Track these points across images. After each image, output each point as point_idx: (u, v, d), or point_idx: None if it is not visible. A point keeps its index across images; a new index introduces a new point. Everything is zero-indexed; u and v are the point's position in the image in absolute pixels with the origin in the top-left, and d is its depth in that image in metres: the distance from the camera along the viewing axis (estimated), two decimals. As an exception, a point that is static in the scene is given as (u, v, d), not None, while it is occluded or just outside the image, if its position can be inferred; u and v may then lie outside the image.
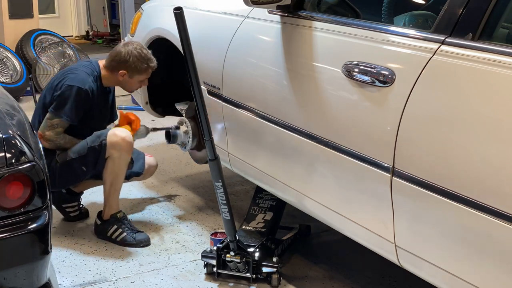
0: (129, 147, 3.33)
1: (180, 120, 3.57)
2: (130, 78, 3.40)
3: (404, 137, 2.10)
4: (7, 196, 2.07)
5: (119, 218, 3.40)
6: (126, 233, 3.37)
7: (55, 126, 3.29)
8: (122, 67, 3.36)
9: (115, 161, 3.32)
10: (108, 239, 3.39)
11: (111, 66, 3.40)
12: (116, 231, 3.38)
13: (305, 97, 2.61)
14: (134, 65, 3.35)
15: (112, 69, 3.39)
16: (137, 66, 3.36)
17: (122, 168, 3.36)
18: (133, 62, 3.35)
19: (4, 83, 6.38)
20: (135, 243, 3.35)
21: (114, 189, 3.40)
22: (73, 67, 3.51)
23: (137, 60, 3.35)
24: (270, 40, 2.89)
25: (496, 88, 1.87)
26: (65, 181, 3.41)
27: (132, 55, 3.35)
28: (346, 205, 2.48)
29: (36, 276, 2.17)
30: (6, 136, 2.10)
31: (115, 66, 3.38)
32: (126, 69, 3.36)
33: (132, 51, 3.35)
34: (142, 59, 3.37)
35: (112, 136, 3.30)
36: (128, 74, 3.38)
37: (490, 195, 1.84)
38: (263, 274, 2.94)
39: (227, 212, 2.87)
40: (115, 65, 3.37)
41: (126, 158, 3.36)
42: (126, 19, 7.64)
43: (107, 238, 3.39)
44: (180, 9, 2.63)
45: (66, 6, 10.21)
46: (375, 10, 2.70)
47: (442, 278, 2.07)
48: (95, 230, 3.46)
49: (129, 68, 3.36)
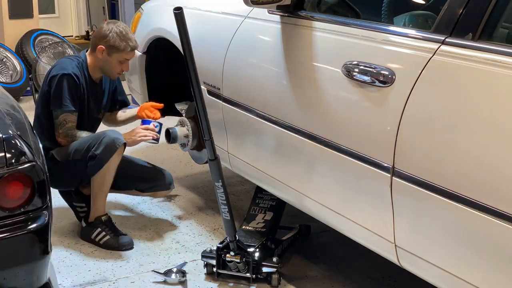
0: (120, 150, 3.29)
1: (180, 120, 3.57)
2: (109, 55, 3.37)
3: (404, 137, 2.10)
4: (7, 196, 2.07)
5: (104, 221, 3.37)
6: (109, 236, 3.33)
7: (63, 123, 3.30)
8: (101, 42, 3.36)
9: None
10: (92, 242, 3.36)
11: (92, 44, 3.42)
12: (99, 234, 3.35)
13: (305, 97, 2.61)
14: (112, 40, 3.34)
15: (93, 48, 3.40)
16: (115, 42, 3.35)
17: (111, 170, 3.30)
18: (112, 37, 3.34)
19: (4, 83, 6.37)
20: (117, 246, 3.31)
21: (101, 191, 3.35)
22: (59, 60, 3.54)
23: (117, 36, 3.35)
24: (270, 40, 2.89)
25: (496, 88, 1.87)
26: (67, 180, 3.40)
27: (112, 31, 3.35)
28: (346, 205, 2.48)
29: (36, 276, 2.17)
30: (6, 136, 2.10)
31: (95, 43, 3.39)
32: (104, 45, 3.35)
33: (113, 28, 3.37)
34: (123, 36, 3.36)
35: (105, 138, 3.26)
36: (107, 51, 3.36)
37: (490, 195, 1.84)
38: (263, 274, 2.94)
39: (227, 212, 2.87)
40: (95, 41, 3.40)
41: (116, 160, 3.29)
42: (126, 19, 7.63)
43: (91, 241, 3.36)
44: (180, 9, 2.63)
45: (66, 6, 10.19)
46: (375, 10, 2.70)
47: (442, 278, 2.07)
48: (80, 233, 3.43)
49: (108, 43, 3.35)
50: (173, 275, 3.01)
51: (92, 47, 3.43)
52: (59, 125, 3.31)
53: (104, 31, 3.37)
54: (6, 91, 2.79)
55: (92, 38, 3.46)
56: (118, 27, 3.38)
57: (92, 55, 3.42)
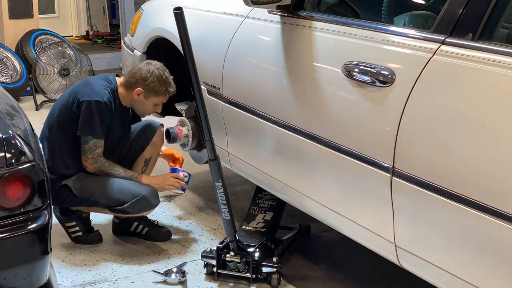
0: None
1: (180, 120, 3.57)
2: (145, 99, 3.27)
3: (404, 137, 2.10)
4: (7, 196, 2.07)
5: (81, 216, 3.39)
6: (81, 232, 3.37)
7: (93, 148, 3.18)
8: (140, 85, 3.23)
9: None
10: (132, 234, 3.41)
11: (129, 83, 3.27)
12: (73, 227, 3.37)
13: (305, 97, 2.61)
14: (152, 84, 3.23)
15: (130, 87, 3.26)
16: (155, 86, 3.24)
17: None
18: (152, 81, 3.23)
19: (4, 83, 6.37)
20: (87, 241, 3.37)
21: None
22: (88, 80, 3.38)
23: (157, 80, 3.23)
24: (270, 40, 2.89)
25: (496, 88, 1.87)
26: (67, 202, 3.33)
27: (153, 75, 3.23)
28: (346, 205, 2.48)
29: (36, 276, 2.17)
30: (6, 136, 2.10)
31: (133, 83, 3.25)
32: (144, 88, 3.23)
33: (154, 71, 3.24)
34: (163, 81, 3.25)
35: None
36: (144, 94, 3.25)
37: (490, 195, 1.84)
38: (263, 274, 2.94)
39: (227, 212, 2.87)
40: (134, 82, 3.25)
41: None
42: (126, 19, 7.65)
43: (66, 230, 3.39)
44: (180, 9, 2.63)
45: (66, 6, 10.20)
46: (375, 10, 2.70)
47: (442, 278, 2.07)
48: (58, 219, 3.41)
49: (147, 87, 3.23)
50: (173, 275, 3.02)
51: (127, 85, 3.27)
52: (88, 150, 3.18)
53: (144, 73, 3.23)
54: (6, 91, 2.79)
55: (130, 77, 3.27)
56: (158, 70, 3.25)
57: (126, 92, 3.28)
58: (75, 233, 3.38)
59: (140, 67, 3.29)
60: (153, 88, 3.24)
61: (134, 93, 3.25)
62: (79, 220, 3.39)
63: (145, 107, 3.33)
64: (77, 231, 3.38)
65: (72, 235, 3.39)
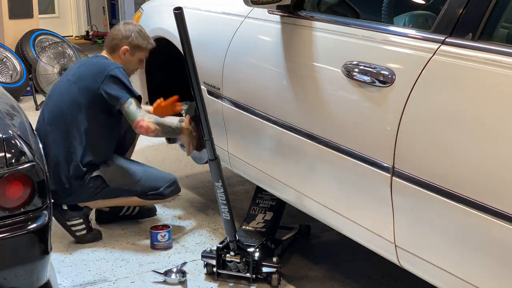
0: None
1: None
2: (131, 55, 3.40)
3: (404, 137, 2.10)
4: (7, 196, 2.08)
5: (87, 213, 3.42)
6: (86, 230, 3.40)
7: (139, 106, 3.23)
8: (124, 43, 3.37)
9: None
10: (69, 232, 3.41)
11: (112, 46, 3.40)
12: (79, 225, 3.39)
13: (305, 97, 2.61)
14: (136, 40, 3.38)
15: (114, 49, 3.39)
16: (138, 41, 3.38)
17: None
18: (135, 37, 3.37)
19: (4, 83, 6.38)
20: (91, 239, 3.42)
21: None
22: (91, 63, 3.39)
23: (139, 35, 3.39)
24: (270, 40, 2.89)
25: (496, 88, 1.87)
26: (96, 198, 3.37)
27: (134, 31, 3.38)
28: (346, 205, 2.48)
29: (36, 276, 2.17)
30: (6, 136, 2.10)
31: (117, 45, 3.38)
32: (128, 45, 3.37)
33: (133, 28, 3.40)
34: (144, 35, 3.41)
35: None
36: (130, 51, 3.38)
37: (490, 195, 1.84)
38: (263, 274, 2.94)
39: (227, 212, 2.87)
40: (117, 43, 3.39)
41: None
42: (126, 19, 7.65)
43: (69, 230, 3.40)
44: (180, 9, 2.63)
45: (66, 6, 10.21)
46: (375, 10, 2.70)
47: (442, 278, 2.07)
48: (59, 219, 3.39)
49: (131, 43, 3.37)
50: (173, 275, 3.02)
51: (111, 48, 3.41)
52: (137, 109, 3.18)
53: (125, 32, 3.38)
54: (6, 91, 2.79)
55: (111, 40, 3.41)
56: (136, 27, 3.42)
57: (112, 57, 3.41)
58: (80, 231, 3.38)
59: (119, 28, 3.43)
60: (137, 43, 3.39)
61: (120, 53, 3.38)
62: (86, 217, 3.40)
63: (132, 65, 3.45)
64: (82, 229, 3.38)
65: (77, 233, 3.38)
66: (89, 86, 3.25)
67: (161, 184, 3.40)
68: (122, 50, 3.37)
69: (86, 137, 3.27)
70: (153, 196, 3.42)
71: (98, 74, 3.24)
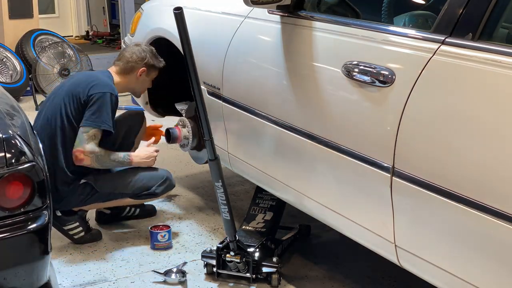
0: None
1: (180, 120, 3.57)
2: (147, 76, 3.46)
3: (404, 137, 2.10)
4: (7, 196, 2.07)
5: (83, 216, 3.41)
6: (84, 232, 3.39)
7: (92, 138, 3.18)
8: (141, 65, 3.41)
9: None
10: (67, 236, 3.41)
11: (128, 68, 3.40)
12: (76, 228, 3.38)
13: (305, 97, 2.61)
14: (151, 60, 3.43)
15: (129, 71, 3.40)
16: (154, 61, 3.44)
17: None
18: (150, 57, 3.42)
19: (4, 83, 6.38)
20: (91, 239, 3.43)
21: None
22: (90, 73, 3.41)
23: (152, 55, 3.45)
24: (270, 40, 2.89)
25: (496, 88, 1.87)
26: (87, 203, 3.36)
27: (147, 52, 3.43)
28: (346, 205, 2.48)
29: (36, 276, 2.17)
30: (6, 136, 2.10)
31: (133, 67, 3.41)
32: (145, 66, 3.41)
33: (146, 49, 3.44)
34: (156, 55, 3.47)
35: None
36: (147, 72, 3.43)
37: (490, 195, 1.84)
38: (263, 274, 2.94)
39: (227, 212, 2.87)
40: (133, 65, 3.41)
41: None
42: (126, 19, 7.64)
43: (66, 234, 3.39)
44: (180, 9, 2.63)
45: (66, 6, 10.20)
46: (375, 10, 2.70)
47: (442, 278, 2.07)
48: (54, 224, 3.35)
49: (147, 64, 3.42)
50: (173, 275, 3.02)
51: (126, 70, 3.41)
52: (88, 139, 3.15)
53: (139, 54, 3.41)
54: (6, 91, 2.79)
55: (126, 63, 3.40)
56: (148, 47, 3.47)
57: (125, 77, 3.41)
58: (78, 234, 3.37)
59: (132, 50, 3.44)
60: (153, 63, 3.45)
61: (137, 74, 3.42)
62: (81, 219, 3.39)
63: (146, 84, 3.53)
64: (80, 232, 3.37)
65: (75, 236, 3.37)
66: (79, 96, 3.22)
67: (152, 184, 3.39)
68: (140, 72, 3.41)
69: (69, 145, 3.23)
70: (146, 196, 3.41)
71: (92, 88, 3.22)
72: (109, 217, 3.60)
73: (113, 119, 3.25)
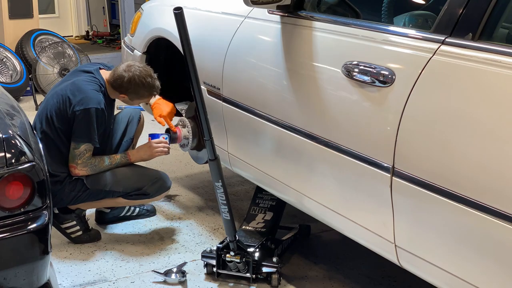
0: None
1: (180, 120, 3.57)
2: (130, 100, 3.35)
3: (404, 137, 2.10)
4: (7, 196, 2.08)
5: (80, 215, 3.41)
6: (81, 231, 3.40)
7: (83, 153, 3.19)
8: (123, 91, 3.29)
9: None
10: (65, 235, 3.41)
11: (114, 85, 3.29)
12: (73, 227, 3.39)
13: (305, 97, 2.61)
14: (135, 91, 3.28)
15: (115, 88, 3.30)
16: (138, 92, 3.30)
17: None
18: (135, 89, 3.27)
19: (4, 83, 6.38)
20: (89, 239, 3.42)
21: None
22: (78, 84, 3.25)
23: (140, 86, 3.27)
24: (270, 40, 2.89)
25: (496, 88, 1.87)
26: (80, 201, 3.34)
27: (133, 83, 3.25)
28: (346, 205, 2.48)
29: (36, 276, 2.17)
30: (6, 136, 2.10)
31: (117, 87, 3.29)
32: (126, 94, 3.31)
33: (135, 79, 3.24)
34: (144, 87, 3.28)
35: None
36: (128, 98, 3.34)
37: (490, 195, 1.84)
38: (263, 274, 2.95)
39: (227, 212, 2.87)
40: (117, 86, 3.28)
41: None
42: (126, 19, 7.65)
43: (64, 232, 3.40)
44: (180, 9, 2.63)
45: (66, 6, 10.20)
46: (375, 10, 2.70)
47: (442, 278, 2.07)
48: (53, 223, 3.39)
49: (129, 94, 3.30)
50: (173, 275, 3.02)
51: (113, 85, 3.28)
52: (79, 155, 3.19)
53: (126, 81, 3.24)
54: (6, 91, 2.79)
55: (115, 79, 3.26)
56: (140, 77, 3.25)
57: (113, 90, 3.30)
58: (75, 233, 3.38)
59: (122, 74, 3.26)
60: (136, 94, 3.32)
61: (120, 96, 3.33)
62: (79, 218, 3.39)
63: (131, 104, 3.49)
64: (77, 231, 3.38)
65: (72, 235, 3.38)
66: (61, 106, 3.20)
67: (143, 183, 3.33)
68: (121, 96, 3.33)
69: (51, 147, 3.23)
70: (137, 196, 3.36)
71: (77, 103, 3.16)
72: (109, 217, 3.60)
73: (98, 133, 3.20)
